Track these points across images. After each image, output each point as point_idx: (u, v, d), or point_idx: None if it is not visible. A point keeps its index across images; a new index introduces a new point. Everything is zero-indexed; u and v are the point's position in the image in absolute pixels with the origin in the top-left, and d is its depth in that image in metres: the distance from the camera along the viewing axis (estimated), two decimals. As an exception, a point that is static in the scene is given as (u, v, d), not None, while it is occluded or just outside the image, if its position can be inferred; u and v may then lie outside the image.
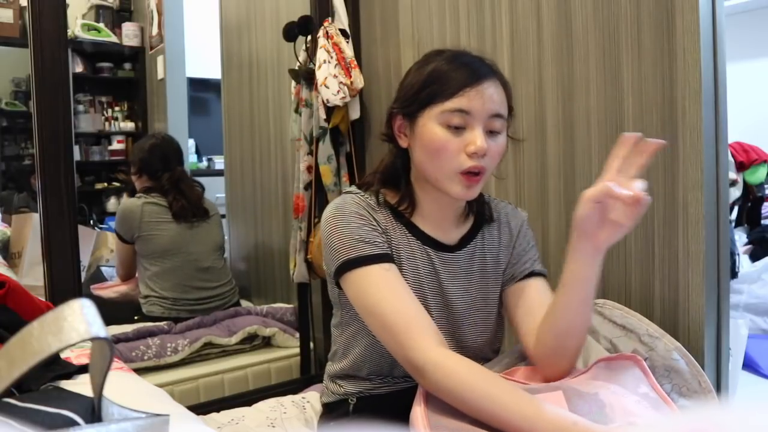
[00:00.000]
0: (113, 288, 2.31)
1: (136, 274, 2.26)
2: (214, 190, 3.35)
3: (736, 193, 2.37)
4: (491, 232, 1.10)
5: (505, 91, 1.00)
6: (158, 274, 2.14)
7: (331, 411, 1.13)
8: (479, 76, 0.96)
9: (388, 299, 0.93)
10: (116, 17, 3.74)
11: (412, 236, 1.03)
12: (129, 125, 3.75)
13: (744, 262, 2.18)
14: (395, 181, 1.06)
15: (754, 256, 2.27)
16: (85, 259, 2.38)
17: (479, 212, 1.10)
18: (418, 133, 0.99)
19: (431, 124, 0.97)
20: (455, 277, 1.05)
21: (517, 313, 1.06)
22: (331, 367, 1.14)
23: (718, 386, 1.18)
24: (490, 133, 0.97)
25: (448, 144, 0.95)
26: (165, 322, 2.03)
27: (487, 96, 0.95)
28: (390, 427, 0.97)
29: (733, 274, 1.98)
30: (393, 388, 1.06)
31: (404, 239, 1.03)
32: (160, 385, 1.12)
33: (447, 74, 0.96)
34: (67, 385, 0.90)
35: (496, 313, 1.10)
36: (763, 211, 2.57)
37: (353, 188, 1.08)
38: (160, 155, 2.20)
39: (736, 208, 2.50)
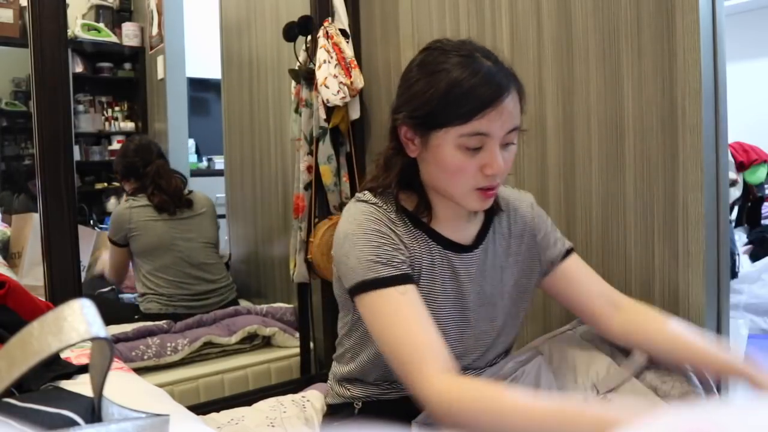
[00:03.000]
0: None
1: (132, 274, 2.30)
2: (214, 190, 3.34)
3: (736, 193, 2.37)
4: (501, 223, 1.08)
5: (520, 97, 0.94)
6: (152, 272, 2.20)
7: (336, 412, 1.13)
8: (500, 93, 0.89)
9: (398, 326, 0.90)
10: (116, 17, 3.74)
11: (432, 242, 1.00)
12: (129, 125, 3.75)
13: (744, 262, 2.18)
14: (411, 186, 1.01)
15: (754, 256, 2.27)
16: (85, 259, 2.38)
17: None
18: (431, 151, 0.94)
19: (447, 146, 0.92)
20: (476, 276, 1.03)
21: (573, 298, 1.08)
22: (337, 368, 1.13)
23: (718, 386, 1.18)
24: (506, 144, 0.94)
25: (465, 166, 0.92)
26: (164, 321, 2.03)
27: (506, 114, 0.90)
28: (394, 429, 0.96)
29: (733, 274, 1.98)
30: (401, 394, 1.04)
31: (425, 247, 1.00)
32: (160, 385, 1.12)
33: (466, 93, 0.89)
34: (67, 385, 0.90)
35: (515, 302, 1.09)
36: (763, 211, 2.57)
37: (367, 195, 1.02)
38: (139, 155, 2.29)
39: (736, 208, 2.50)
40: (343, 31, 1.90)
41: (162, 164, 2.29)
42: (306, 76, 1.90)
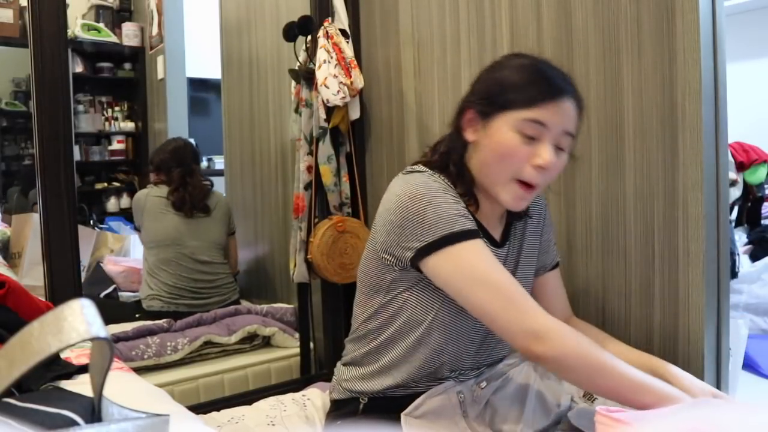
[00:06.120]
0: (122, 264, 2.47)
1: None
2: (214, 190, 3.35)
3: (736, 193, 2.37)
4: (520, 223, 1.15)
5: (579, 110, 1.01)
6: (157, 265, 2.24)
7: (340, 408, 1.13)
8: (561, 91, 0.98)
9: (499, 270, 0.95)
10: (116, 17, 3.74)
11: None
12: (129, 125, 3.75)
13: (744, 262, 2.18)
14: (462, 175, 1.04)
15: (754, 256, 2.27)
16: (85, 259, 2.38)
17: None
18: (490, 134, 0.99)
19: (506, 129, 0.97)
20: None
21: (541, 303, 1.09)
22: (348, 372, 1.13)
23: (718, 386, 1.18)
24: (557, 148, 0.99)
25: (517, 151, 0.97)
26: (164, 320, 2.03)
27: (566, 113, 0.98)
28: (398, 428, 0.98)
29: (733, 274, 1.98)
30: (407, 392, 1.06)
31: None
32: (160, 385, 1.12)
33: (535, 81, 0.97)
34: (67, 385, 0.90)
35: None
36: (763, 211, 2.57)
37: (421, 167, 1.05)
38: (178, 154, 2.37)
39: (736, 208, 2.50)
40: (343, 31, 1.90)
41: (194, 168, 2.36)
42: (306, 76, 1.90)
